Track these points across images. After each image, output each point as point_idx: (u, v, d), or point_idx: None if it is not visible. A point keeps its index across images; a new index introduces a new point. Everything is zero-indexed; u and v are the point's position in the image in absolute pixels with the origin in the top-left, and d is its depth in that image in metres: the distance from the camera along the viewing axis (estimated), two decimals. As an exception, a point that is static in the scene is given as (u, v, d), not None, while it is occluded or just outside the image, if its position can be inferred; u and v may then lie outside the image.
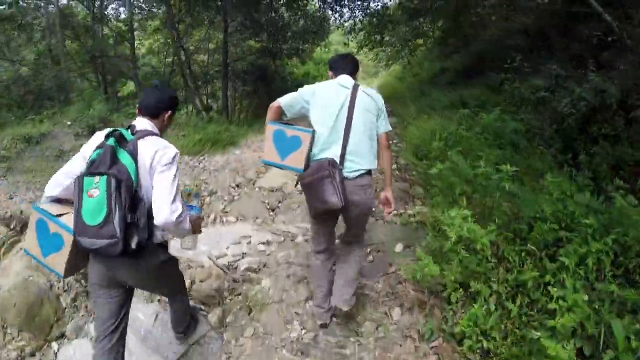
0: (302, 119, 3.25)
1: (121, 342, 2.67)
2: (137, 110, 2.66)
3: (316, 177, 2.88)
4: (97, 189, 2.16)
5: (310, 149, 3.01)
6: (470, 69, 15.57)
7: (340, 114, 3.01)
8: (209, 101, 22.05)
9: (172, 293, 3.12)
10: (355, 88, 3.11)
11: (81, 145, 2.61)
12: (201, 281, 4.57)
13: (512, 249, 3.64)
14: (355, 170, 3.02)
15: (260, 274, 4.76)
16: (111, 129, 2.39)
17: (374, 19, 16.90)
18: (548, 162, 6.43)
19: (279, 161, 3.09)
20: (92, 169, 2.25)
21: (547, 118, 7.25)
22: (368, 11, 17.16)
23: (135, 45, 18.53)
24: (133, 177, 2.24)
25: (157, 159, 2.34)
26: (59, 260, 2.37)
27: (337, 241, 3.90)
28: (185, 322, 3.38)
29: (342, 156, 2.99)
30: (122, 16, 18.11)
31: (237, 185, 7.57)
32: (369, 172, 3.12)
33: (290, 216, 6.19)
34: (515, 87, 8.03)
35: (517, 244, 3.75)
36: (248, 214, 6.38)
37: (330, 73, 3.37)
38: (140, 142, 2.35)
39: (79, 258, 2.44)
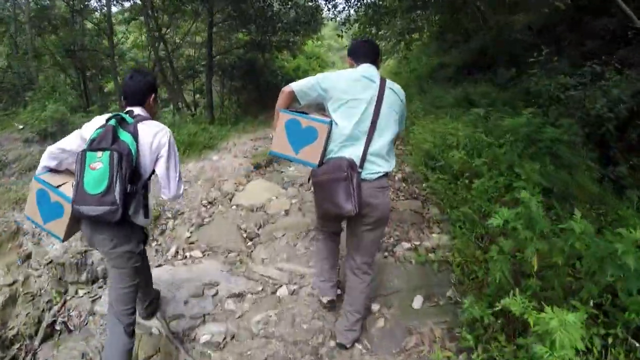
0: (316, 108, 2.98)
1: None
2: (123, 102, 2.73)
3: (332, 177, 2.60)
4: (100, 162, 2.32)
5: (327, 143, 2.73)
6: (471, 64, 14.55)
7: (367, 111, 2.71)
8: (197, 97, 20.54)
9: (130, 294, 2.82)
10: (382, 83, 2.78)
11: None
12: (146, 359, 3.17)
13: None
14: (375, 173, 2.75)
15: (225, 354, 3.25)
16: (112, 114, 2.52)
17: (370, 10, 15.34)
18: (591, 178, 5.18)
19: (292, 154, 2.80)
20: (94, 145, 2.37)
21: (578, 122, 5.92)
22: (363, 2, 15.57)
23: (120, 39, 17.12)
24: (134, 153, 2.39)
25: (157, 140, 2.52)
26: (59, 226, 2.59)
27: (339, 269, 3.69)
28: (147, 299, 3.37)
29: (364, 158, 2.70)
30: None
31: (211, 203, 6.14)
32: (386, 174, 2.84)
33: (272, 250, 4.77)
34: (545, 85, 6.56)
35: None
36: (219, 246, 4.99)
37: (349, 60, 3.05)
38: (140, 125, 2.50)
39: (74, 224, 2.64)
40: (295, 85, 2.87)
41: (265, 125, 11.82)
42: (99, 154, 2.34)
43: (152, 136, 2.54)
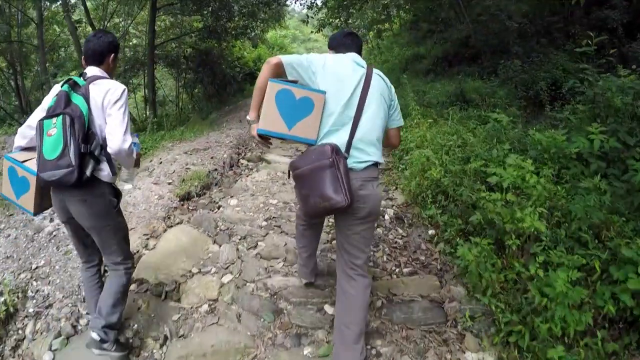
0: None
1: (96, 269, 2.84)
2: (83, 61, 2.65)
3: (315, 166, 2.18)
4: (54, 128, 2.27)
5: (322, 115, 2.35)
6: (453, 56, 12.85)
7: (355, 94, 2.38)
8: (146, 92, 17.67)
9: (117, 249, 2.69)
10: (370, 68, 2.50)
11: None
12: None
13: None
14: (364, 161, 2.34)
15: None
16: (66, 78, 2.48)
17: (339, -5, 12.99)
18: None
19: (286, 131, 2.33)
20: (50, 112, 2.35)
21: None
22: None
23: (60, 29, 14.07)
24: (85, 114, 2.32)
25: (107, 98, 2.38)
26: (28, 199, 2.54)
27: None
28: (111, 318, 2.62)
29: (349, 143, 2.32)
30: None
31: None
32: (376, 165, 2.43)
33: None
34: (608, 87, 4.20)
35: None
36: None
37: (331, 52, 2.70)
38: (91, 86, 2.41)
39: (44, 198, 2.58)
40: (284, 58, 2.39)
41: (213, 128, 9.25)
42: (54, 120, 2.29)
43: (103, 94, 2.39)
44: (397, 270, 3.51)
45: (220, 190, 5.50)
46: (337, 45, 2.70)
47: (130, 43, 15.99)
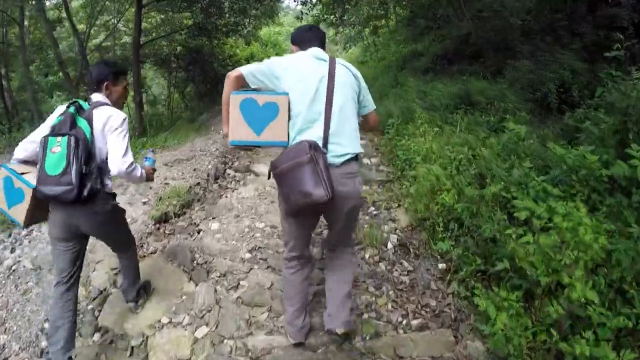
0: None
1: (75, 286, 2.78)
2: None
3: (293, 163, 2.15)
4: (59, 147, 2.39)
5: (289, 115, 2.33)
6: (453, 53, 12.08)
7: (320, 89, 2.33)
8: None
9: (123, 245, 3.07)
10: (332, 60, 2.45)
11: None
12: None
13: None
14: (341, 155, 2.31)
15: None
16: (71, 101, 2.61)
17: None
18: None
19: (254, 138, 2.33)
20: (55, 131, 2.47)
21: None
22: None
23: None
24: (88, 137, 2.44)
25: (109, 123, 2.50)
26: (20, 211, 2.57)
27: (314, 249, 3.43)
28: (136, 286, 3.19)
29: (325, 138, 2.27)
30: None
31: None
32: (355, 157, 2.39)
33: None
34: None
35: None
36: None
37: (294, 48, 2.66)
38: (94, 111, 2.54)
39: (37, 211, 2.60)
40: (244, 69, 2.39)
41: (200, 133, 8.61)
42: (59, 138, 2.42)
43: (105, 119, 2.52)
44: (404, 322, 2.90)
45: (203, 208, 4.89)
46: (299, 41, 2.64)
47: (121, 41, 15.32)
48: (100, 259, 3.85)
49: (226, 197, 5.10)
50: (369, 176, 5.47)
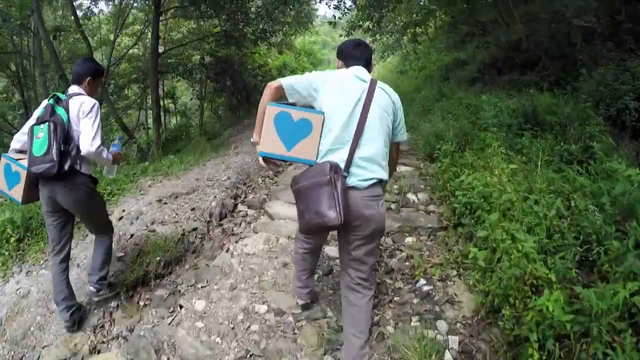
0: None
1: (67, 256, 3.11)
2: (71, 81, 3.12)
3: (312, 182, 2.14)
4: (42, 132, 2.74)
5: (321, 135, 2.28)
6: (503, 62, 10.58)
7: (355, 111, 2.26)
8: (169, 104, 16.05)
9: (98, 229, 3.22)
10: (373, 83, 2.37)
11: None
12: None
13: None
14: (367, 179, 2.23)
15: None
16: (51, 95, 2.97)
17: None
18: None
19: (285, 153, 2.31)
20: (39, 120, 2.84)
21: None
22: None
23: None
24: (65, 122, 2.78)
25: (81, 110, 2.82)
26: (18, 191, 2.94)
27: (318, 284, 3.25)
28: (102, 272, 3.22)
29: (350, 161, 2.21)
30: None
31: None
32: (380, 182, 2.31)
33: None
34: None
35: None
36: None
37: (339, 62, 2.60)
38: (70, 100, 2.87)
39: (31, 190, 2.95)
40: (284, 81, 2.36)
41: (216, 152, 7.42)
42: (42, 126, 2.77)
43: (78, 106, 2.83)
44: None
45: (195, 266, 3.66)
46: (346, 57, 2.54)
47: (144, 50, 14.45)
48: (46, 344, 2.67)
49: (228, 249, 3.85)
50: (415, 221, 4.12)
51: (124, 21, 13.04)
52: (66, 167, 2.74)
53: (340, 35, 11.65)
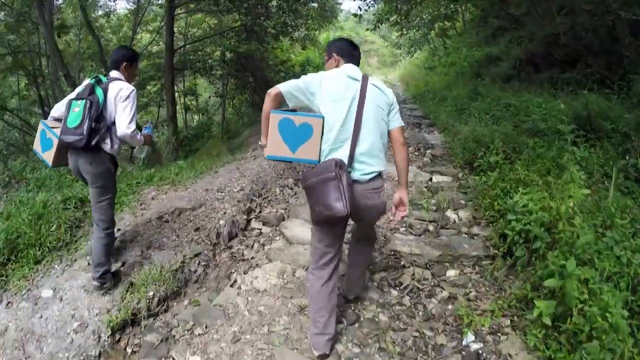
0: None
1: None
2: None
3: (320, 178, 2.26)
4: (78, 107, 2.93)
5: (322, 136, 2.42)
6: (541, 58, 9.69)
7: (350, 110, 2.38)
8: (190, 101, 15.53)
9: (103, 209, 3.21)
10: (365, 80, 2.47)
11: None
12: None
13: None
14: (368, 173, 2.39)
15: None
16: (94, 75, 3.14)
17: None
18: None
19: (290, 155, 2.47)
20: (78, 96, 3.02)
21: None
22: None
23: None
24: (100, 102, 2.95)
25: (120, 94, 2.97)
26: (49, 155, 3.13)
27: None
28: (104, 267, 3.17)
29: (352, 157, 2.35)
30: None
31: None
32: (380, 174, 2.48)
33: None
34: None
35: None
36: None
37: (335, 56, 2.63)
38: (110, 84, 3.03)
39: (61, 156, 3.15)
40: (282, 87, 2.49)
41: (233, 156, 6.81)
42: (79, 101, 2.96)
43: (117, 91, 2.98)
44: None
45: (197, 302, 3.05)
46: (345, 55, 2.62)
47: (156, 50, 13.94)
48: None
49: (235, 281, 3.24)
50: (457, 247, 3.45)
51: (142, 17, 12.57)
52: (93, 142, 2.93)
53: (367, 29, 10.93)
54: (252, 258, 3.58)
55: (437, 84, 11.93)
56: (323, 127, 2.39)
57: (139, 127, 3.29)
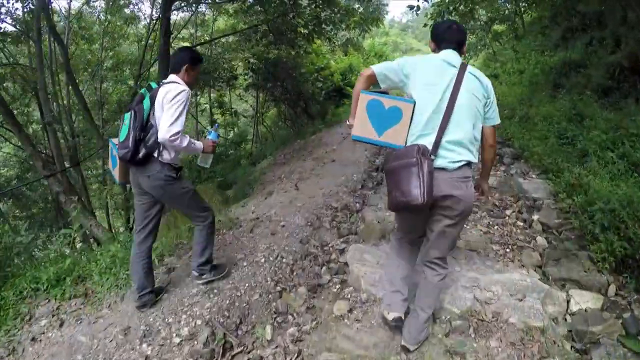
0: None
1: (150, 237, 3.05)
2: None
3: (401, 163, 2.17)
4: (127, 120, 2.76)
5: (411, 122, 2.29)
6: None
7: (444, 96, 2.24)
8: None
9: (190, 215, 3.18)
10: (463, 67, 2.32)
11: None
12: None
13: None
14: (456, 161, 2.23)
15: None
16: (148, 84, 2.97)
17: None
18: None
19: (376, 137, 2.34)
20: (127, 108, 2.86)
21: None
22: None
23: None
24: (145, 111, 2.72)
25: (166, 97, 2.67)
26: (117, 172, 3.05)
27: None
28: (203, 257, 3.21)
29: (438, 143, 2.20)
30: None
31: None
32: (469, 164, 2.30)
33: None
34: None
35: None
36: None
37: (432, 45, 2.51)
38: (161, 88, 2.78)
39: (125, 172, 3.01)
40: (376, 68, 2.38)
41: (232, 217, 4.59)
42: (128, 113, 2.79)
43: (164, 93, 2.71)
44: None
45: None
46: (438, 39, 2.44)
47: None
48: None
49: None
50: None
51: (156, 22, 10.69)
52: (140, 155, 2.73)
53: (424, 25, 8.59)
54: None
55: (508, 97, 9.27)
56: (413, 113, 2.24)
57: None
